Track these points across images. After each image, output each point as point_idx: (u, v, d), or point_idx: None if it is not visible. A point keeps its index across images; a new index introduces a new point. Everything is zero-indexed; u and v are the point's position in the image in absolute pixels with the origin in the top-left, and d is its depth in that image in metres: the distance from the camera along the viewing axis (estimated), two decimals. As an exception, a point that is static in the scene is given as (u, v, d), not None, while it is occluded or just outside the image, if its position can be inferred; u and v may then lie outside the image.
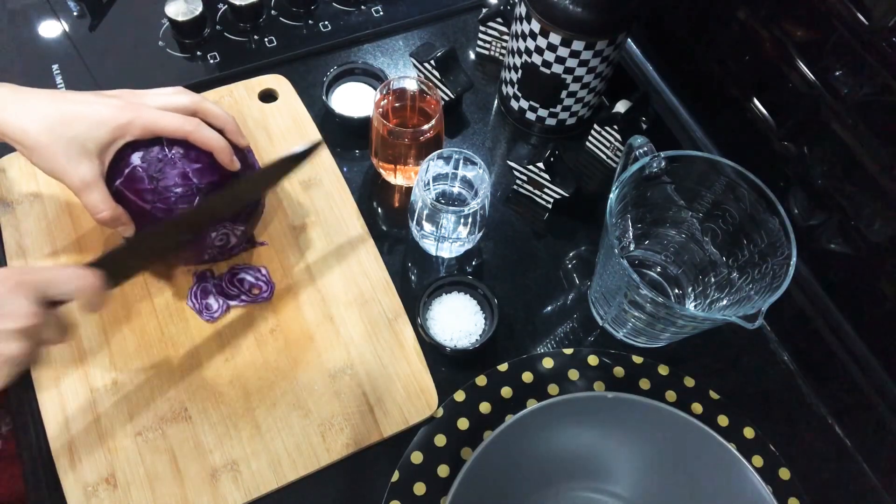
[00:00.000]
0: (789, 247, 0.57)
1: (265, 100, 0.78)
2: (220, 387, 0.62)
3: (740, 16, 0.70)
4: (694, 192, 0.65)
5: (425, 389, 0.63)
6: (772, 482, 0.62)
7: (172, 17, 0.79)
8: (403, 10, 0.88)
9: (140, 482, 0.57)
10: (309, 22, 0.86)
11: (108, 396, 0.60)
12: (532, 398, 0.64)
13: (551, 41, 0.69)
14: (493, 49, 0.86)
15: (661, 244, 0.71)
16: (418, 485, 0.59)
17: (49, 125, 0.53)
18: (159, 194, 0.57)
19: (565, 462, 0.59)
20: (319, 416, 0.61)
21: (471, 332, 0.65)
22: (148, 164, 0.57)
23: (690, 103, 0.83)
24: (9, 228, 0.67)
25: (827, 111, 0.64)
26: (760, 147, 0.73)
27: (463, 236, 0.67)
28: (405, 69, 0.84)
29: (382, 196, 0.76)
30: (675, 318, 0.58)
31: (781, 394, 0.68)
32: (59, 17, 0.82)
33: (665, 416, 0.57)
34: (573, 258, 0.74)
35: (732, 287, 0.64)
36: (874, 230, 0.63)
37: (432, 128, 0.67)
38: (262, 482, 0.58)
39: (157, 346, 0.63)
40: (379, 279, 0.68)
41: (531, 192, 0.75)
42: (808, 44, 0.64)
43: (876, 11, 0.56)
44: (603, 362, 0.67)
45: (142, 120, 0.56)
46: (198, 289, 0.65)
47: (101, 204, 0.55)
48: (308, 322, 0.65)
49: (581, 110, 0.78)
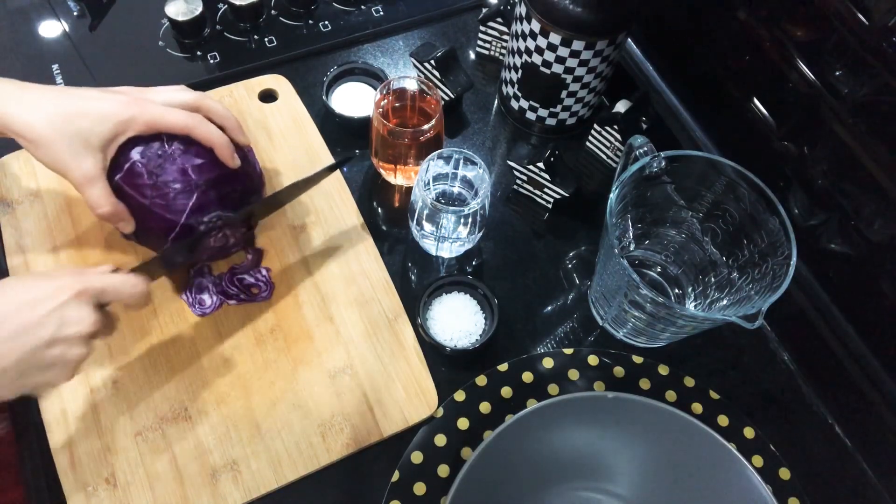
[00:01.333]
0: (789, 247, 0.57)
1: (265, 100, 0.78)
2: (220, 387, 0.62)
3: (740, 16, 0.71)
4: (694, 192, 0.65)
5: (425, 389, 0.63)
6: (772, 482, 0.62)
7: (172, 17, 0.79)
8: (403, 10, 0.88)
9: (140, 482, 0.57)
10: (309, 22, 0.86)
11: (108, 396, 0.60)
12: (532, 398, 0.64)
13: (551, 41, 0.69)
14: (493, 49, 0.86)
15: (661, 244, 0.71)
16: (418, 485, 0.59)
17: (53, 120, 0.54)
18: (158, 189, 0.57)
19: (565, 462, 0.59)
20: (319, 416, 0.61)
21: (471, 332, 0.65)
22: (147, 160, 0.57)
23: (690, 103, 0.83)
24: (9, 228, 0.67)
25: (827, 111, 0.64)
26: (760, 147, 0.73)
27: (463, 236, 0.67)
28: (405, 69, 0.84)
29: (382, 196, 0.76)
30: (675, 318, 0.58)
31: (781, 394, 0.68)
32: (59, 17, 0.82)
33: (665, 416, 0.57)
34: (573, 258, 0.74)
35: (732, 287, 0.64)
36: (874, 230, 0.63)
37: (432, 128, 0.67)
38: (261, 482, 0.58)
39: (157, 346, 0.63)
40: (379, 279, 0.68)
41: (531, 192, 0.75)
42: (808, 44, 0.64)
43: (876, 11, 0.56)
44: (603, 362, 0.67)
45: (145, 115, 0.56)
46: (194, 285, 0.65)
47: (103, 199, 0.56)
48: (308, 322, 0.65)
49: (581, 110, 0.78)
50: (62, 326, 0.48)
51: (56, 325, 0.47)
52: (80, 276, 0.50)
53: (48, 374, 0.49)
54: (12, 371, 0.46)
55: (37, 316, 0.47)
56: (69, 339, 0.48)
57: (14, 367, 0.46)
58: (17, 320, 0.47)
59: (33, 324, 0.47)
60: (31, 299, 0.48)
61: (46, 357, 0.47)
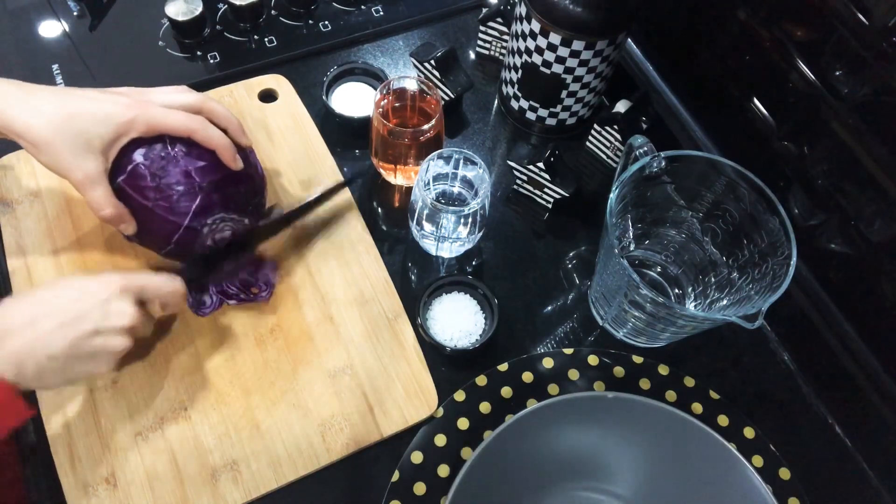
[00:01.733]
0: (789, 246, 0.57)
1: (265, 100, 0.78)
2: (220, 387, 0.62)
3: (740, 16, 0.71)
4: (694, 192, 0.65)
5: (425, 389, 0.63)
6: (772, 482, 0.62)
7: (172, 17, 0.79)
8: (403, 10, 0.88)
9: (140, 482, 0.57)
10: (309, 22, 0.86)
11: (107, 396, 0.60)
12: (532, 398, 0.64)
13: (551, 41, 0.69)
14: (493, 49, 0.86)
15: (661, 244, 0.71)
16: (418, 485, 0.59)
17: (54, 121, 0.54)
18: (161, 192, 0.57)
19: (565, 462, 0.59)
20: (319, 416, 0.61)
21: (471, 332, 0.65)
22: (150, 162, 0.57)
23: (690, 103, 0.83)
24: (9, 228, 0.67)
25: (827, 111, 0.64)
26: (760, 147, 0.73)
27: (463, 236, 0.67)
28: (405, 69, 0.84)
29: (382, 196, 0.76)
30: (675, 318, 0.58)
31: (781, 394, 0.68)
32: (59, 17, 0.82)
33: (665, 416, 0.57)
34: (573, 258, 0.74)
35: (732, 287, 0.64)
36: (874, 230, 0.63)
37: (432, 128, 0.67)
38: (261, 482, 0.58)
39: (158, 347, 0.63)
40: (379, 279, 0.68)
41: (531, 192, 0.75)
42: (808, 44, 0.64)
43: (876, 11, 0.56)
44: (603, 362, 0.67)
45: (146, 117, 0.56)
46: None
47: (104, 201, 0.56)
48: (308, 322, 0.65)
49: (581, 110, 0.78)
50: (106, 318, 0.52)
51: (101, 315, 0.51)
52: (124, 274, 0.55)
53: (91, 363, 0.52)
54: (62, 358, 0.50)
55: (85, 307, 0.51)
56: (112, 329, 0.52)
57: (63, 353, 0.50)
58: (69, 311, 0.51)
59: (82, 314, 0.51)
60: (80, 294, 0.52)
61: (91, 345, 0.51)
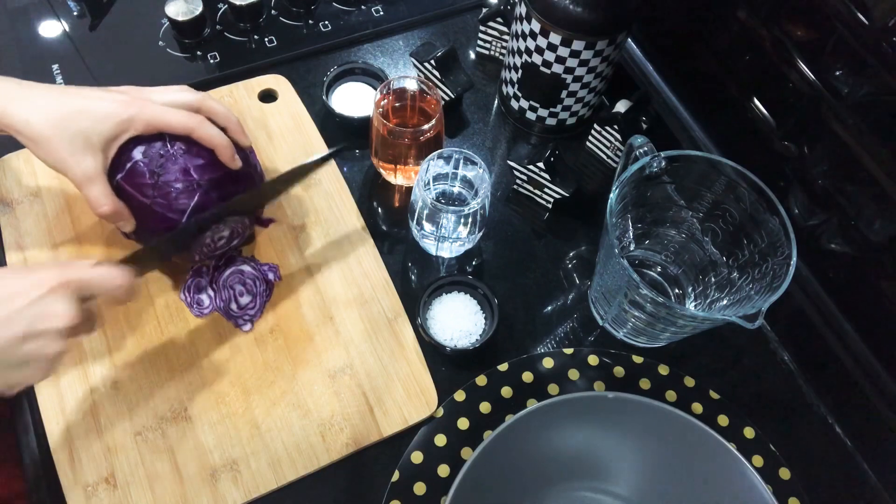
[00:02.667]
0: (789, 246, 0.57)
1: (265, 100, 0.78)
2: (220, 387, 0.62)
3: (740, 16, 0.71)
4: (694, 192, 0.65)
5: (425, 389, 0.63)
6: (772, 482, 0.62)
7: (172, 17, 0.79)
8: (403, 10, 0.88)
9: (140, 482, 0.57)
10: (309, 22, 0.86)
11: (107, 396, 0.60)
12: (532, 398, 0.64)
13: (551, 41, 0.69)
14: (493, 49, 0.86)
15: (661, 244, 0.71)
16: (418, 485, 0.59)
17: (54, 118, 0.54)
18: (160, 189, 0.57)
19: (565, 462, 0.59)
20: (319, 416, 0.61)
21: (471, 332, 0.65)
22: (149, 160, 0.57)
23: (690, 103, 0.83)
24: (8, 228, 0.67)
25: (827, 111, 0.64)
26: (760, 147, 0.73)
27: (463, 236, 0.67)
28: (405, 69, 0.84)
29: (382, 196, 0.76)
30: (676, 318, 0.58)
31: (781, 394, 0.68)
32: (59, 16, 0.82)
33: (665, 415, 0.57)
34: (573, 258, 0.74)
35: (732, 287, 0.64)
36: (874, 230, 0.63)
37: (432, 127, 0.67)
38: (261, 482, 0.58)
39: (157, 346, 0.63)
40: (379, 279, 0.68)
41: (531, 191, 0.75)
42: (808, 44, 0.64)
43: (876, 11, 0.56)
44: (603, 362, 0.67)
45: (146, 115, 0.56)
46: (192, 284, 0.64)
47: (103, 198, 0.56)
48: (308, 322, 0.65)
49: (581, 110, 0.78)
50: (38, 321, 0.46)
51: (31, 319, 0.46)
52: (60, 269, 0.48)
53: (24, 370, 0.47)
54: None
55: (11, 310, 0.45)
56: (45, 333, 0.46)
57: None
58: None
59: (7, 318, 0.45)
60: (6, 294, 0.46)
61: (21, 353, 0.46)
